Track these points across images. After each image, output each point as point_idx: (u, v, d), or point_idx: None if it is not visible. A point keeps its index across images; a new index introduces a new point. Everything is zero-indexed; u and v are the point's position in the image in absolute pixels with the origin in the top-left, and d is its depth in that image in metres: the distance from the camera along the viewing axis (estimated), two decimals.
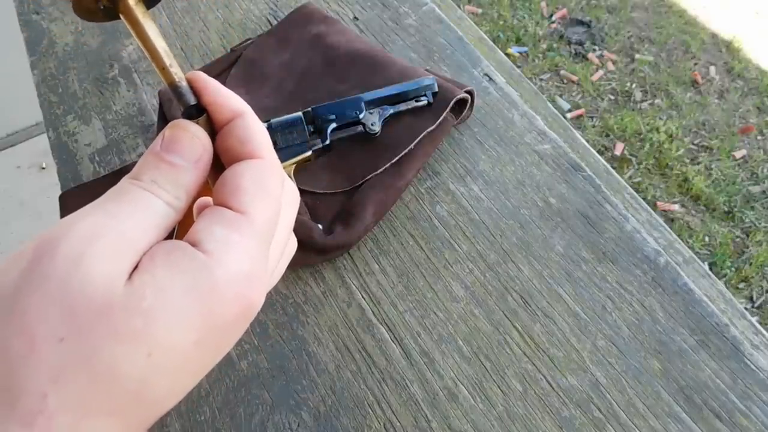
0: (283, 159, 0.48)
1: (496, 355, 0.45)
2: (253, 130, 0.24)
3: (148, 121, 0.61)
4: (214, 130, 0.24)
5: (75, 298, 0.18)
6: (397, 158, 0.52)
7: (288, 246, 0.27)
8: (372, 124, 0.52)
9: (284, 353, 0.47)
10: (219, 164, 0.24)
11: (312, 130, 0.50)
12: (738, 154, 1.78)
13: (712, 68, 2.00)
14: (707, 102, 1.91)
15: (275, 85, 0.60)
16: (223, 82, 0.60)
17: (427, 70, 0.58)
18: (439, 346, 0.46)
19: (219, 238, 0.21)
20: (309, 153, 0.49)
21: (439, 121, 0.53)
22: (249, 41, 0.64)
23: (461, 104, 0.55)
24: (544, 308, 0.46)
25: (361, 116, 0.52)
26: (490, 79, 0.60)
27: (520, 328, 0.46)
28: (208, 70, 0.62)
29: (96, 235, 0.19)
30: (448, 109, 0.53)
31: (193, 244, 0.21)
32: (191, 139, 0.23)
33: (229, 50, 0.65)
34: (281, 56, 0.62)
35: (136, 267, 0.19)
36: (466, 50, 0.62)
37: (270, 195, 0.23)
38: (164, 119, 0.56)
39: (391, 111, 0.53)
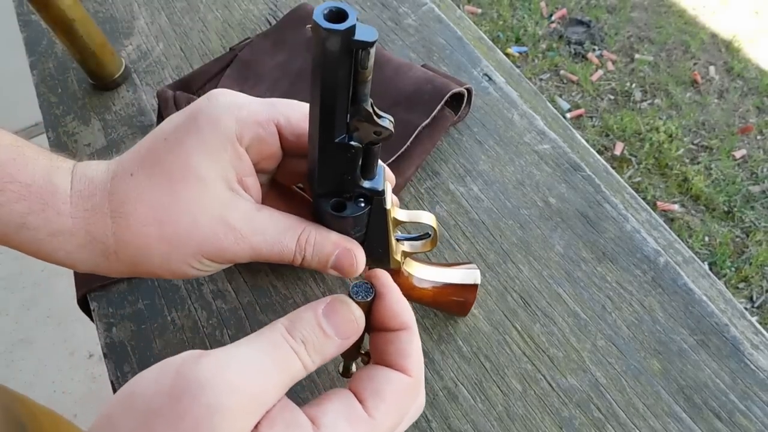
0: None
1: (496, 355, 0.45)
2: (414, 347, 0.26)
3: (147, 122, 0.61)
4: (370, 317, 0.27)
5: None
6: (393, 158, 0.52)
7: None
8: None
9: None
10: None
11: None
12: (738, 153, 1.78)
13: (712, 68, 2.00)
14: (707, 102, 1.91)
15: (270, 85, 0.60)
16: (219, 82, 0.60)
17: (423, 65, 0.58)
18: (438, 346, 0.46)
19: (338, 430, 0.23)
20: None
21: (433, 114, 0.53)
22: (249, 40, 0.64)
23: (459, 101, 0.55)
24: (544, 308, 0.46)
25: None
26: (490, 78, 0.60)
27: (519, 328, 0.46)
28: (207, 69, 0.62)
29: (238, 391, 0.20)
30: (442, 103, 0.53)
31: (312, 420, 0.23)
32: (352, 321, 0.25)
33: (228, 50, 0.64)
34: (276, 58, 0.61)
35: (256, 425, 0.21)
36: (466, 50, 0.62)
37: (399, 411, 0.25)
38: (163, 120, 0.56)
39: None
